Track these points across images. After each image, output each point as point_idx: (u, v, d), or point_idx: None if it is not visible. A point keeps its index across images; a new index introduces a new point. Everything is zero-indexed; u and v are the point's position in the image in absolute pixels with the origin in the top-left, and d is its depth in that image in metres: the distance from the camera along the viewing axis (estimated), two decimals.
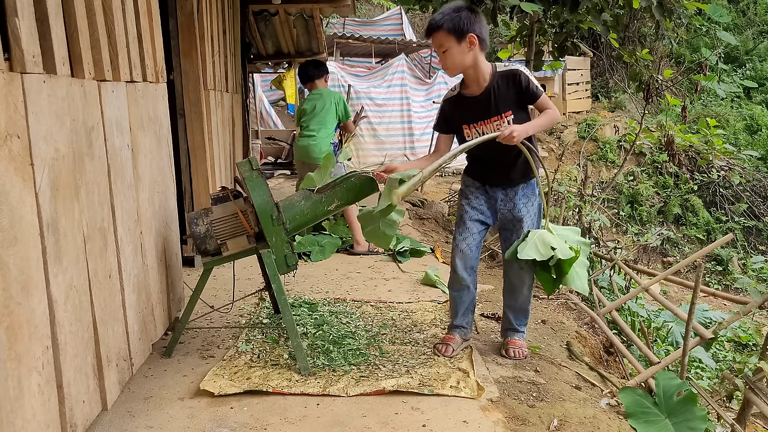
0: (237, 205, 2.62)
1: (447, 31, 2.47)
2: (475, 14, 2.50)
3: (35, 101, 1.60)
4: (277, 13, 6.50)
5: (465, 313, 2.81)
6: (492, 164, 2.68)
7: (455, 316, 2.81)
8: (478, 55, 2.52)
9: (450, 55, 2.50)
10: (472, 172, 2.78)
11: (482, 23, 2.52)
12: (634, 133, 8.22)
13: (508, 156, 2.60)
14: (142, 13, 2.49)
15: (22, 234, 1.53)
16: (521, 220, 2.67)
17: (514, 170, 2.65)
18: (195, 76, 3.85)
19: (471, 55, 2.50)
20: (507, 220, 2.71)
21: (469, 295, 2.78)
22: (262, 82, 12.14)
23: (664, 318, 4.68)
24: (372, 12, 16.37)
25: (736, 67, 16.47)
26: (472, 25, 2.46)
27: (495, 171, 2.68)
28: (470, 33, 2.46)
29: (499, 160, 2.63)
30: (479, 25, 2.49)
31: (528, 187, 2.68)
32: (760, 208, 11.58)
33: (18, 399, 1.49)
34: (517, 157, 2.60)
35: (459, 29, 2.45)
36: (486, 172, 2.72)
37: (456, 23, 2.45)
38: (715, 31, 13.51)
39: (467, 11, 2.48)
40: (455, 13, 2.46)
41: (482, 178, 2.74)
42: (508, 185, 2.68)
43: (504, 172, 2.66)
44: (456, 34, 2.46)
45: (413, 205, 7.02)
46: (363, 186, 2.63)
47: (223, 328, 3.05)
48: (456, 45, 2.47)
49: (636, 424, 2.29)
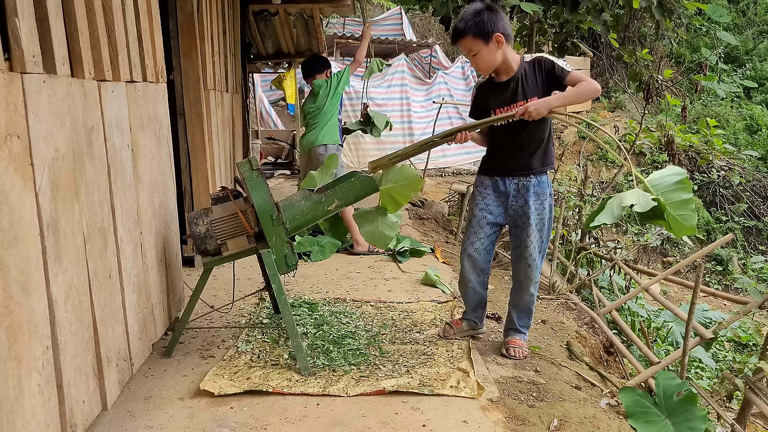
0: (237, 205, 2.62)
1: (474, 36, 2.54)
2: (495, 12, 2.56)
3: (35, 101, 1.60)
4: (277, 13, 6.50)
5: (475, 309, 2.92)
6: (510, 150, 2.68)
7: (466, 310, 2.95)
8: (506, 50, 2.59)
9: (480, 57, 2.57)
10: (486, 165, 2.78)
11: (504, 19, 2.58)
12: (634, 133, 8.21)
13: (532, 143, 2.63)
14: (142, 13, 2.49)
15: (22, 234, 1.53)
16: (529, 217, 2.67)
17: (535, 157, 2.65)
18: (195, 76, 3.85)
19: (500, 53, 2.58)
20: (518, 215, 2.71)
21: (475, 294, 2.86)
22: (262, 82, 12.13)
23: (664, 318, 4.68)
24: (372, 12, 16.35)
25: (736, 67, 16.46)
26: (496, 25, 2.53)
27: (512, 157, 2.68)
28: (496, 33, 2.52)
29: (522, 146, 2.64)
30: (502, 23, 2.56)
31: (540, 186, 2.67)
32: (760, 208, 11.58)
33: (18, 399, 1.49)
34: (540, 143, 2.63)
35: (484, 32, 2.52)
36: (501, 159, 2.72)
37: (480, 27, 2.52)
38: (715, 31, 13.52)
39: (488, 12, 2.53)
40: (477, 17, 2.52)
41: (498, 170, 2.72)
42: (524, 174, 2.67)
43: (524, 159, 2.65)
44: (483, 37, 2.53)
45: (413, 205, 7.03)
46: (363, 186, 2.64)
47: (223, 328, 3.05)
48: (485, 47, 2.55)
49: (636, 424, 2.29)
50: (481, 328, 2.96)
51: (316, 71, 4.70)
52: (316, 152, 4.54)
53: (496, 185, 2.73)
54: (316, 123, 4.59)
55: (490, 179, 2.74)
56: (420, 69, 13.08)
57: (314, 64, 4.74)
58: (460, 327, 2.92)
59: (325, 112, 4.58)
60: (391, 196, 2.71)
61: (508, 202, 2.71)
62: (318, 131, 4.56)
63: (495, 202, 2.73)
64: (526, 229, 2.68)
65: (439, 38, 16.21)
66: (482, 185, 2.77)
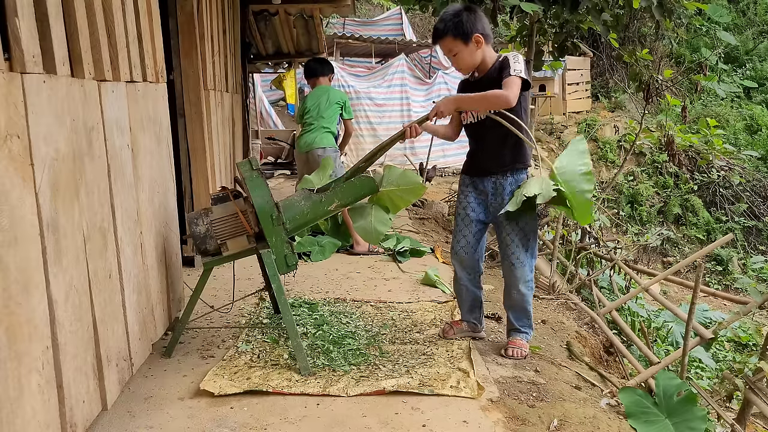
0: (237, 205, 2.62)
1: (453, 37, 2.60)
2: (474, 13, 2.61)
3: (35, 101, 1.60)
4: (277, 13, 6.50)
5: (470, 310, 2.91)
6: (481, 147, 2.72)
7: (461, 312, 2.95)
8: (485, 49, 2.65)
9: (461, 57, 2.64)
10: (466, 165, 2.85)
11: (483, 20, 2.64)
12: (634, 133, 8.22)
13: (498, 142, 2.65)
14: (142, 13, 2.49)
15: (22, 234, 1.53)
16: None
17: (505, 155, 2.67)
18: (195, 76, 3.85)
19: (479, 53, 2.64)
20: (498, 214, 2.72)
21: (468, 293, 2.87)
22: (262, 82, 12.14)
23: (664, 318, 4.68)
24: (372, 12, 16.36)
25: (736, 67, 16.46)
26: (475, 25, 2.58)
27: (485, 155, 2.72)
28: (475, 33, 2.58)
29: (488, 141, 2.68)
30: (481, 23, 2.61)
31: (518, 183, 2.67)
32: (760, 208, 11.59)
33: (18, 399, 1.49)
34: (506, 142, 2.64)
35: (464, 32, 2.57)
36: (477, 158, 2.78)
37: (459, 28, 2.57)
38: (715, 31, 13.53)
39: (466, 13, 2.59)
40: (456, 18, 2.57)
41: (474, 169, 2.78)
42: (499, 172, 2.68)
43: (494, 155, 2.68)
44: (462, 37, 2.58)
45: (413, 205, 7.02)
46: (363, 186, 2.64)
47: (223, 328, 3.05)
48: (464, 47, 2.61)
49: (636, 424, 2.29)
50: (480, 332, 2.95)
51: (320, 73, 4.69)
52: (314, 154, 4.51)
53: (475, 184, 2.78)
54: (315, 125, 4.55)
55: (470, 178, 2.80)
56: (420, 69, 13.06)
57: (319, 66, 4.72)
58: (460, 327, 2.92)
59: (325, 118, 4.55)
60: (391, 199, 2.72)
61: (488, 200, 2.75)
62: (319, 133, 4.54)
63: (476, 200, 2.78)
64: (506, 227, 2.69)
65: None
66: (464, 183, 2.83)
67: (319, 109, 4.56)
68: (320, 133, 4.54)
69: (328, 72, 4.74)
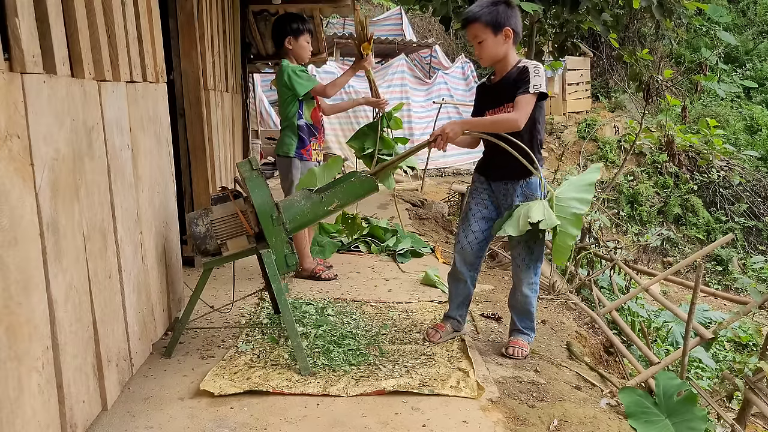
0: (237, 205, 2.62)
1: (485, 24, 2.59)
2: (512, 8, 2.61)
3: (35, 101, 1.60)
4: (277, 13, 6.49)
5: (459, 306, 2.91)
6: (495, 153, 2.70)
7: (450, 308, 2.93)
8: (510, 47, 2.64)
9: (485, 46, 2.62)
10: (479, 167, 2.86)
11: (517, 17, 2.65)
12: (634, 133, 8.21)
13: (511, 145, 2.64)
14: (142, 13, 2.49)
15: (22, 234, 1.53)
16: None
17: (517, 163, 2.64)
18: (195, 76, 3.85)
19: (504, 48, 2.63)
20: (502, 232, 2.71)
21: (465, 289, 2.88)
22: (262, 82, 12.13)
23: (664, 318, 4.68)
24: (372, 12, 16.35)
25: (736, 67, 16.46)
26: (509, 19, 2.59)
27: (496, 162, 2.72)
28: (506, 26, 2.59)
29: (501, 149, 2.65)
30: (515, 19, 2.62)
31: (529, 186, 2.68)
32: (760, 208, 11.59)
33: (18, 399, 1.49)
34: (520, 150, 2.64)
35: (496, 22, 2.58)
36: (489, 163, 2.80)
37: (494, 16, 2.57)
38: (715, 31, 13.52)
39: (504, 5, 2.59)
40: (493, 6, 2.58)
41: (486, 173, 2.81)
42: (509, 178, 2.69)
43: (506, 163, 2.65)
44: (493, 26, 2.58)
45: (413, 205, 7.03)
46: (363, 186, 2.64)
47: (223, 328, 3.05)
48: (492, 37, 2.60)
49: (636, 424, 2.29)
50: (463, 329, 2.95)
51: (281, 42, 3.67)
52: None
53: (489, 183, 2.80)
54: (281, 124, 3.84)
55: (484, 177, 2.82)
56: (420, 69, 13.07)
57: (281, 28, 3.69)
58: (445, 330, 2.89)
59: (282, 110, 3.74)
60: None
61: (499, 201, 2.78)
62: (281, 135, 3.83)
63: (489, 199, 2.80)
64: None
65: (439, 38, 16.21)
66: (478, 181, 2.84)
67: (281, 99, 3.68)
68: (281, 136, 3.78)
69: (287, 34, 3.58)
